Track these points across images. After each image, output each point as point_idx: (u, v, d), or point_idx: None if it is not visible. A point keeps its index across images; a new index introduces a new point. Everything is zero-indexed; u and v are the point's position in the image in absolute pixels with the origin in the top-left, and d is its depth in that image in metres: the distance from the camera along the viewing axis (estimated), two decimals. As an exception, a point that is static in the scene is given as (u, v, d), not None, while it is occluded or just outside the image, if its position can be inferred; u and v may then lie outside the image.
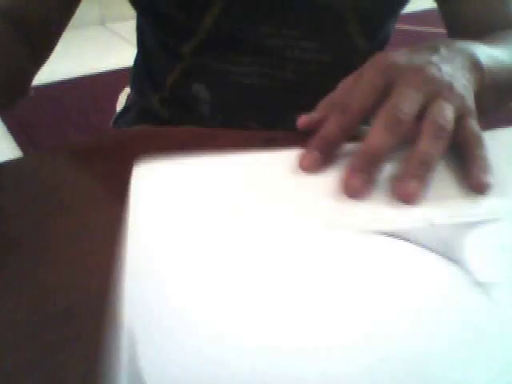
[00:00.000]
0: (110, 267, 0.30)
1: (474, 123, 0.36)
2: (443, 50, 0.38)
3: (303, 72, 0.55)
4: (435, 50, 0.38)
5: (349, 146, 0.37)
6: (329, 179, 0.35)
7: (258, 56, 0.59)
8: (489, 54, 0.41)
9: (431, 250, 0.30)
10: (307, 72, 0.56)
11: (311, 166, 0.36)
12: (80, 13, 0.56)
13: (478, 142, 0.35)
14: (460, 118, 0.35)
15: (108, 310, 0.27)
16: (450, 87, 0.35)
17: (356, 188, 0.34)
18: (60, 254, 0.31)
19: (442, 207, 0.34)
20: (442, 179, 0.36)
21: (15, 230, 0.34)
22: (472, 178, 0.35)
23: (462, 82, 0.36)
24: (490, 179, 0.34)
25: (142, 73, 0.68)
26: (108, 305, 0.27)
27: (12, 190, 0.38)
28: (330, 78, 0.42)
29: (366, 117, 0.37)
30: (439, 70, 0.36)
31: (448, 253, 0.30)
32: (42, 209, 0.36)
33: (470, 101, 0.36)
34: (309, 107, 0.40)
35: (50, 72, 0.76)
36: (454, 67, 0.37)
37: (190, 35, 0.61)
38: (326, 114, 0.38)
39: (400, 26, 0.65)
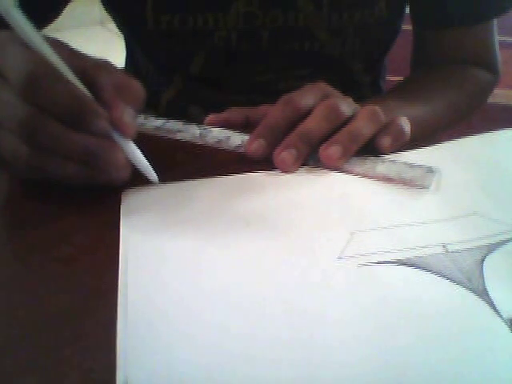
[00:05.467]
0: (110, 267, 0.30)
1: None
2: None
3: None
4: None
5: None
6: (332, 209, 0.34)
7: (250, 88, 0.61)
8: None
9: (447, 278, 0.28)
10: None
11: (256, 152, 0.38)
12: (80, 13, 0.56)
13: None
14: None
15: (107, 310, 0.27)
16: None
17: (283, 159, 0.37)
18: (60, 253, 0.32)
19: (455, 229, 0.32)
20: (452, 197, 0.35)
21: (15, 229, 0.34)
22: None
23: None
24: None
25: None
26: (107, 305, 0.27)
27: (12, 191, 0.38)
28: None
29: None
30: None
31: (466, 281, 0.28)
32: (41, 208, 0.36)
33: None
34: None
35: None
36: None
37: (180, 70, 0.61)
38: (233, 114, 0.43)
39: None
